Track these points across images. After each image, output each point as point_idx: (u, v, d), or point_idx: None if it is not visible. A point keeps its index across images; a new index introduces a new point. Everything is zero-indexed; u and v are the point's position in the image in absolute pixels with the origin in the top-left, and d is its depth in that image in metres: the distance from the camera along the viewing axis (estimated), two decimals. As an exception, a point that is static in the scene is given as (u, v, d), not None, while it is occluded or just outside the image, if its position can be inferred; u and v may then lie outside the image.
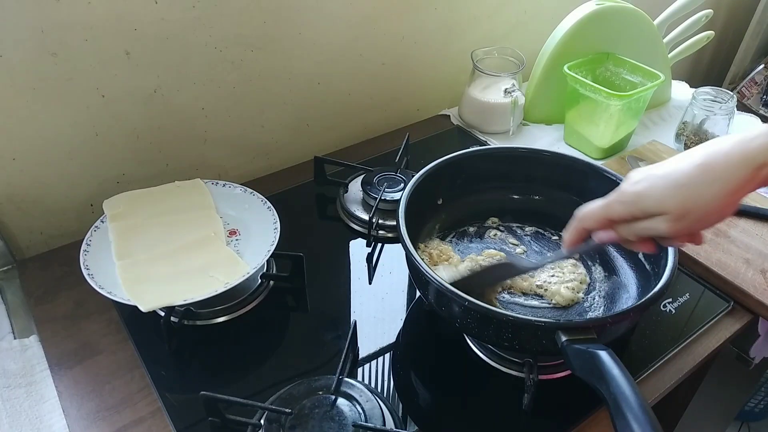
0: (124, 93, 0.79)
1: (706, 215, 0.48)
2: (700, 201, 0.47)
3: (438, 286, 0.57)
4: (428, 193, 0.73)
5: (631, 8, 1.02)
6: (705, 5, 1.09)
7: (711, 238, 0.81)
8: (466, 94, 1.06)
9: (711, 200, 0.47)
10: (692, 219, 0.48)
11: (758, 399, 1.37)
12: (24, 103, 0.72)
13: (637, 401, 0.45)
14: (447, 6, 1.04)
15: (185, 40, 0.79)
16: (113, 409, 0.61)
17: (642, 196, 0.50)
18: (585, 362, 0.51)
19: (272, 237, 0.72)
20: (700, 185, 0.47)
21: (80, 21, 0.71)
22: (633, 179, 0.51)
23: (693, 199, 0.47)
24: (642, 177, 0.50)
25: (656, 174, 0.49)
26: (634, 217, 0.51)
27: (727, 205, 0.47)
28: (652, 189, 0.49)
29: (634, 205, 0.50)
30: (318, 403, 0.57)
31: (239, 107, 0.90)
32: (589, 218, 0.54)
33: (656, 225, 0.49)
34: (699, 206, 0.47)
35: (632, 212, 0.51)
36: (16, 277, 0.78)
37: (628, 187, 0.51)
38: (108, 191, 0.79)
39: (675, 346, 0.69)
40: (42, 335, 0.69)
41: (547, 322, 0.55)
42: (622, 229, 0.53)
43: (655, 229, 0.50)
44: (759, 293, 0.72)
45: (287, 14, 0.86)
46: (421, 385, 0.66)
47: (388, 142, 1.02)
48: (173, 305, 0.64)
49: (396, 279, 0.77)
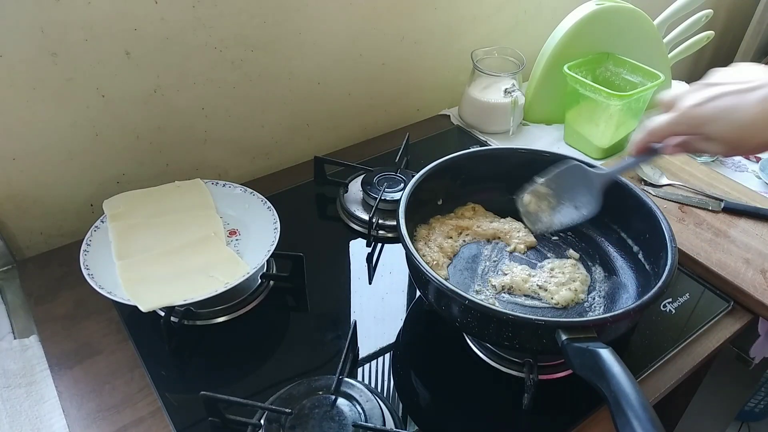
0: (124, 93, 0.79)
1: (758, 148, 0.52)
2: (758, 139, 0.50)
3: (438, 286, 0.57)
4: (428, 193, 0.73)
5: (631, 8, 1.02)
6: (705, 5, 1.09)
7: (711, 238, 0.81)
8: (466, 94, 1.06)
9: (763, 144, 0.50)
10: (744, 149, 0.52)
11: (758, 399, 1.37)
12: (24, 103, 0.72)
13: (638, 399, 0.45)
14: (447, 6, 1.04)
15: (185, 40, 0.79)
16: (113, 409, 0.61)
17: (707, 123, 0.52)
18: (585, 360, 0.51)
19: (272, 237, 0.72)
20: (763, 129, 0.49)
21: (80, 21, 0.71)
22: (699, 97, 0.53)
23: (751, 136, 0.50)
24: (708, 98, 0.52)
25: (723, 105, 0.51)
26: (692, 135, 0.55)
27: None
28: (717, 120, 0.51)
29: (697, 128, 0.53)
30: (318, 403, 0.57)
31: (239, 107, 0.90)
32: (657, 133, 0.57)
33: (710, 147, 0.54)
34: (755, 142, 0.50)
35: (693, 132, 0.54)
36: (16, 277, 0.78)
37: (693, 108, 0.53)
38: (108, 191, 0.79)
39: (675, 346, 0.69)
40: (42, 335, 0.69)
41: (547, 320, 0.55)
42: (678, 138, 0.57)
43: (707, 149, 0.54)
44: (759, 293, 0.72)
45: (287, 14, 0.86)
46: (421, 385, 0.66)
47: (388, 142, 1.02)
48: (173, 305, 0.64)
49: (396, 279, 0.77)
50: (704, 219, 0.84)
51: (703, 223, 0.83)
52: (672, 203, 0.87)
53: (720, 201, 0.86)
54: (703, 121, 0.52)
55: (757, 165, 0.99)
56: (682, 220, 0.84)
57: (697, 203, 0.87)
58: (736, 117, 0.50)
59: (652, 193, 0.89)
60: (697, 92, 0.53)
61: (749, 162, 1.01)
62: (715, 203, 0.86)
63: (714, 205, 0.86)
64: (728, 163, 1.01)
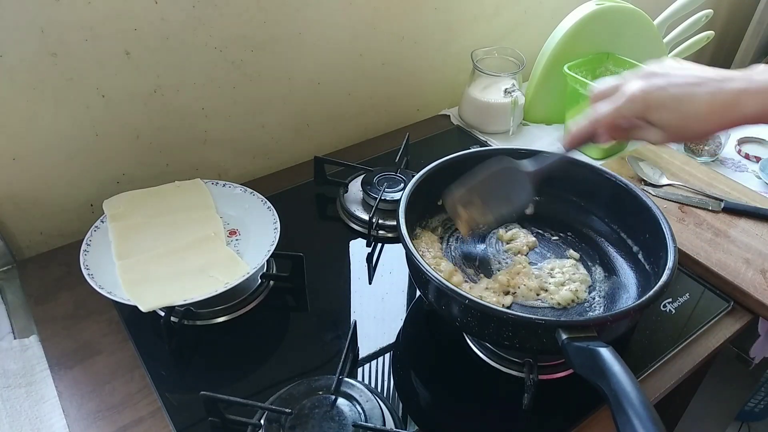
0: (124, 93, 0.79)
1: (693, 137, 0.54)
2: (698, 129, 0.52)
3: (438, 285, 0.57)
4: (428, 194, 0.73)
5: (631, 8, 1.02)
6: (705, 5, 1.09)
7: (711, 238, 0.81)
8: (466, 94, 1.06)
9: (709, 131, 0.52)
10: (681, 138, 0.55)
11: (758, 399, 1.37)
12: (24, 103, 0.72)
13: (639, 397, 0.45)
14: (447, 6, 1.04)
15: (185, 40, 0.79)
16: (113, 409, 0.61)
17: (654, 110, 0.53)
18: (586, 360, 0.50)
19: (272, 237, 0.72)
20: (706, 123, 0.51)
21: (80, 21, 0.71)
22: (647, 85, 0.53)
23: (693, 126, 0.51)
24: (658, 86, 0.52)
25: (673, 94, 0.51)
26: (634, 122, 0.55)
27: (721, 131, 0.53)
28: (665, 108, 0.52)
29: (643, 114, 0.53)
30: (318, 403, 0.57)
31: (239, 107, 0.90)
32: (603, 120, 0.56)
33: (650, 135, 0.54)
34: (694, 132, 0.52)
35: (638, 118, 0.54)
36: (16, 277, 0.78)
37: (642, 94, 0.53)
38: (108, 191, 0.79)
39: (675, 346, 0.69)
40: (42, 335, 0.69)
41: (547, 320, 0.55)
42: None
43: (645, 137, 0.55)
44: (759, 293, 0.72)
45: (287, 14, 0.86)
46: (421, 385, 0.66)
47: (388, 142, 1.02)
48: (173, 305, 0.64)
49: (396, 279, 0.77)
50: (704, 219, 0.84)
51: (703, 223, 0.83)
52: (672, 203, 0.87)
53: (720, 201, 0.86)
54: (651, 108, 0.52)
55: (757, 165, 0.99)
56: (682, 220, 0.84)
57: (697, 203, 0.87)
58: (684, 107, 0.51)
59: (652, 193, 0.89)
60: (641, 80, 0.54)
61: (749, 162, 1.01)
62: (715, 203, 0.86)
63: (714, 205, 0.86)
64: (728, 163, 1.01)
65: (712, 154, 0.99)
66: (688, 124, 0.51)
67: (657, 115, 0.52)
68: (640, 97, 0.53)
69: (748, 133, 1.07)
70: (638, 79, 0.54)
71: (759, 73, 0.49)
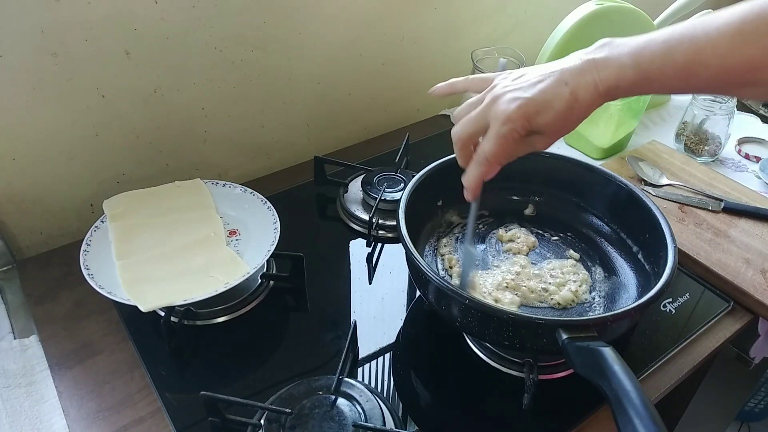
0: (124, 93, 0.79)
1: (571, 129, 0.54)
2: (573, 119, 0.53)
3: (438, 285, 0.57)
4: (428, 194, 0.73)
5: (631, 8, 1.02)
6: (705, 5, 1.09)
7: (711, 238, 0.81)
8: (466, 95, 1.06)
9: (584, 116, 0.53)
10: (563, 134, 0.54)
11: (758, 399, 1.37)
12: (24, 103, 0.72)
13: (640, 397, 0.45)
14: (447, 6, 1.04)
15: (185, 40, 0.79)
16: (113, 409, 0.61)
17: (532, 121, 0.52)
18: (586, 359, 0.50)
19: (272, 237, 0.72)
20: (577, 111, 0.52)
21: (80, 21, 0.71)
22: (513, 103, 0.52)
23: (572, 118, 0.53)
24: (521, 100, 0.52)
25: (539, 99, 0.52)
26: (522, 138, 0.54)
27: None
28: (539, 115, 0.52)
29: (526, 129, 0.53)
30: (318, 403, 0.57)
31: (239, 107, 0.90)
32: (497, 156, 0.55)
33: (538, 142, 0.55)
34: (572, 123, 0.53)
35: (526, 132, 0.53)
36: (16, 277, 0.78)
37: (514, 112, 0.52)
38: (108, 191, 0.78)
39: (675, 346, 0.69)
40: (42, 335, 0.69)
41: (547, 320, 0.55)
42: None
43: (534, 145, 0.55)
44: (759, 293, 0.72)
45: (287, 14, 0.86)
46: (421, 385, 0.66)
47: (388, 142, 1.02)
48: (173, 305, 0.64)
49: (396, 279, 0.77)
50: (704, 219, 0.84)
51: (703, 223, 0.83)
52: (672, 203, 0.87)
53: (720, 201, 0.86)
54: (531, 118, 0.52)
55: (757, 165, 0.99)
56: (682, 220, 0.84)
57: (697, 203, 0.87)
58: (557, 104, 0.51)
59: (652, 193, 0.89)
60: (501, 101, 0.53)
61: (749, 162, 1.01)
62: (715, 203, 0.86)
63: (714, 205, 0.86)
64: (728, 163, 1.01)
65: (712, 154, 1.00)
66: (565, 118, 0.52)
67: (537, 122, 0.52)
68: (516, 114, 0.52)
69: (748, 133, 1.07)
70: (498, 102, 0.53)
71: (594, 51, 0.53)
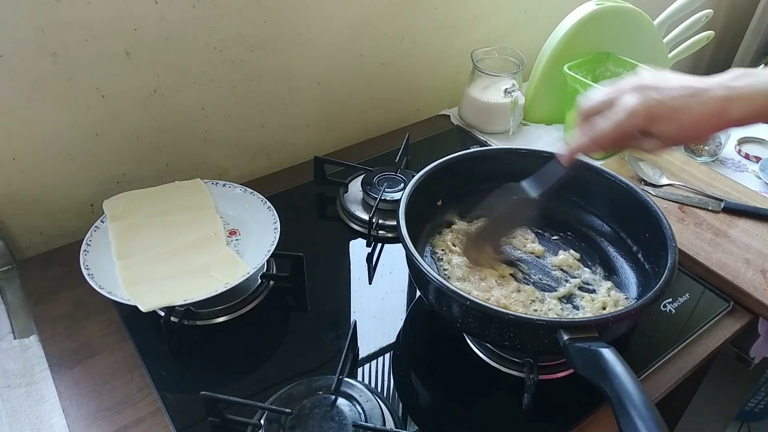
0: (124, 93, 0.79)
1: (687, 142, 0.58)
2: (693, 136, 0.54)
3: (438, 286, 0.57)
4: (428, 194, 0.73)
5: (631, 8, 1.02)
6: (705, 5, 1.09)
7: (711, 238, 0.81)
8: (466, 94, 1.06)
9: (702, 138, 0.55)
10: (677, 145, 0.57)
11: (758, 399, 1.37)
12: (24, 103, 0.72)
13: (641, 398, 0.45)
14: (447, 6, 1.04)
15: (185, 40, 0.79)
16: (113, 409, 0.61)
17: (656, 122, 0.54)
18: (587, 360, 0.50)
19: (272, 237, 0.72)
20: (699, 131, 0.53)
21: (80, 21, 0.71)
22: (646, 99, 0.53)
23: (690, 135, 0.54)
24: (653, 102, 0.53)
25: (668, 107, 0.53)
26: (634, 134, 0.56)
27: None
28: (666, 120, 0.53)
29: (645, 127, 0.54)
30: (318, 403, 0.57)
31: (239, 107, 0.90)
32: (606, 137, 0.56)
33: (647, 145, 0.56)
34: (688, 139, 0.55)
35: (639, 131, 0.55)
36: (16, 277, 0.78)
37: (640, 109, 0.54)
38: (108, 191, 0.78)
39: (675, 346, 0.69)
40: (42, 335, 0.69)
41: (548, 320, 0.55)
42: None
43: (642, 146, 0.56)
44: (759, 293, 0.72)
45: (287, 14, 0.86)
46: (421, 385, 0.66)
47: (388, 142, 1.02)
48: (173, 305, 0.64)
49: (396, 279, 0.77)
50: (704, 219, 0.84)
51: (703, 223, 0.83)
52: (672, 203, 0.87)
53: (720, 201, 0.86)
54: (652, 121, 0.54)
55: (757, 165, 0.99)
56: (682, 220, 0.84)
57: (697, 203, 0.87)
58: (681, 118, 0.53)
59: (652, 193, 0.89)
60: (637, 93, 0.54)
61: (749, 162, 1.01)
62: (715, 203, 0.86)
63: (714, 205, 0.86)
64: (728, 163, 1.01)
65: (712, 154, 1.00)
66: (684, 133, 0.54)
67: (657, 127, 0.54)
68: (641, 111, 0.54)
69: (748, 133, 1.07)
70: (633, 93, 0.55)
71: (734, 79, 0.51)
